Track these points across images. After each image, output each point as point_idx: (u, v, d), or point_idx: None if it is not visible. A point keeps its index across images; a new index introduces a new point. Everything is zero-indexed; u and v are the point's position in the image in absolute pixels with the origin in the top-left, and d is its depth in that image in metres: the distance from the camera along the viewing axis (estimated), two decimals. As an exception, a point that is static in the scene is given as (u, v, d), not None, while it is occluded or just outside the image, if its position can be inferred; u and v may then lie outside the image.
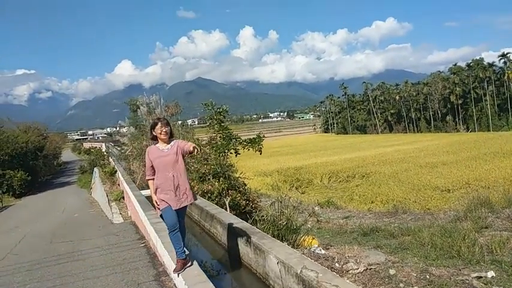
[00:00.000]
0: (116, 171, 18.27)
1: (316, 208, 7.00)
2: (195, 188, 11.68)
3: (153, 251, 6.62)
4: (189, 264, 4.68)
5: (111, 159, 25.05)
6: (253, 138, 8.85)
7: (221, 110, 8.89)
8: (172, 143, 4.44)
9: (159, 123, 4.38)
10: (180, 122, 19.88)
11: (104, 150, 33.85)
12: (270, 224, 6.58)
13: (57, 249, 8.12)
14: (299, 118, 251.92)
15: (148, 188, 14.89)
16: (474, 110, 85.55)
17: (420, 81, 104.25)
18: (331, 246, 7.19)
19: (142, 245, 7.37)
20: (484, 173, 25.71)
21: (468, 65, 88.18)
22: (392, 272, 5.35)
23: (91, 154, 50.65)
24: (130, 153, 16.82)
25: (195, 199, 4.77)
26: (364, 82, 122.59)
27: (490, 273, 4.67)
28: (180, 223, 4.56)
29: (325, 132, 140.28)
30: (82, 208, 16.11)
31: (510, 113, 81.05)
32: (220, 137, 8.51)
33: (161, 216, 4.63)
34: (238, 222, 6.64)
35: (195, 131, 20.46)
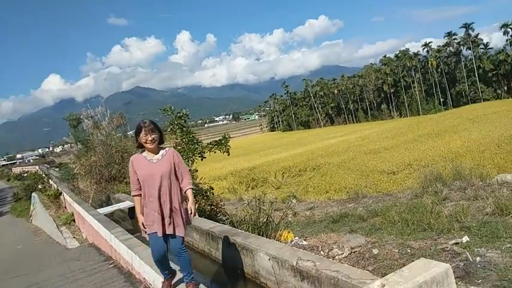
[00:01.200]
0: (61, 193, 16.96)
1: (294, 201, 7.05)
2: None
3: (126, 270, 6.20)
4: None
5: (51, 182, 23.23)
6: (220, 139, 8.70)
7: (181, 114, 8.62)
8: (163, 152, 3.69)
9: (143, 130, 3.53)
10: (120, 134, 18.89)
11: (40, 172, 31.36)
12: (249, 224, 6.50)
13: (12, 286, 7.33)
14: (245, 119, 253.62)
15: (107, 204, 13.98)
16: (405, 97, 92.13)
17: (355, 74, 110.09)
18: (307, 237, 7.28)
19: (111, 266, 6.88)
20: (422, 153, 27.63)
21: (396, 56, 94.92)
22: (375, 251, 5.54)
23: (25, 179, 46.64)
24: (78, 172, 15.71)
25: (189, 223, 3.96)
26: (304, 79, 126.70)
27: (465, 238, 5.01)
28: (175, 251, 3.81)
29: (272, 130, 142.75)
30: (25, 238, 14.66)
31: (436, 97, 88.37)
32: (184, 141, 8.24)
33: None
34: (217, 226, 6.47)
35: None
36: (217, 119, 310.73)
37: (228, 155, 8.64)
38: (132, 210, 10.60)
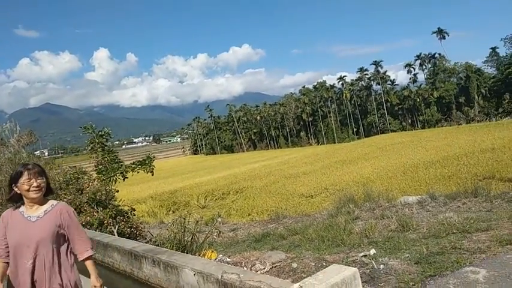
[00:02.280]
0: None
1: (219, 219, 7.17)
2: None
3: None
4: None
5: None
6: (143, 159, 8.58)
7: (103, 133, 8.36)
8: (48, 206, 2.72)
9: (25, 173, 2.60)
10: (38, 152, 17.46)
11: None
12: (173, 243, 6.51)
13: None
14: (166, 142, 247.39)
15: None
16: (322, 125, 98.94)
17: (277, 102, 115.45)
18: (230, 255, 7.50)
19: None
20: (337, 178, 29.84)
21: (314, 87, 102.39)
22: (294, 265, 5.97)
23: None
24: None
25: None
26: (228, 104, 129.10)
27: (372, 251, 5.67)
28: None
29: (195, 153, 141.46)
30: None
31: (350, 127, 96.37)
32: (106, 161, 7.98)
33: None
34: (140, 245, 6.35)
35: (55, 161, 18.26)
36: (136, 140, 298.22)
37: (152, 175, 8.59)
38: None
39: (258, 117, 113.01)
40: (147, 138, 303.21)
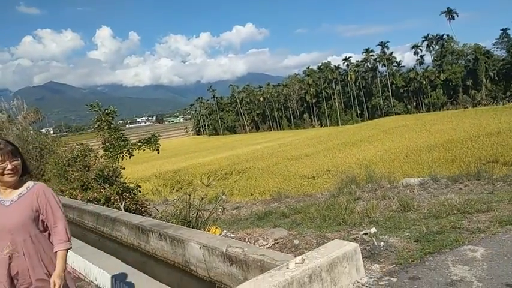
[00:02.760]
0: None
1: (224, 197, 7.31)
2: (79, 197, 10.79)
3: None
4: None
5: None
6: (149, 138, 8.70)
7: (109, 111, 8.45)
8: (24, 188, 2.41)
9: None
10: (44, 130, 17.66)
11: None
12: (179, 219, 6.67)
13: None
14: (169, 122, 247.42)
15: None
16: (325, 107, 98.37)
17: (280, 83, 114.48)
18: (233, 231, 7.68)
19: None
20: (340, 160, 29.99)
21: (319, 68, 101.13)
22: (296, 242, 6.13)
23: None
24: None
25: None
26: (231, 85, 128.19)
27: (373, 229, 5.80)
28: None
29: (198, 134, 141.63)
30: None
31: (353, 109, 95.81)
32: (113, 138, 8.10)
33: None
34: (147, 220, 6.53)
35: (61, 140, 18.41)
36: (139, 120, 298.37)
37: (158, 153, 8.73)
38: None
39: (261, 99, 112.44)
40: (150, 118, 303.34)
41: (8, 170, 2.30)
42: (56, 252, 2.40)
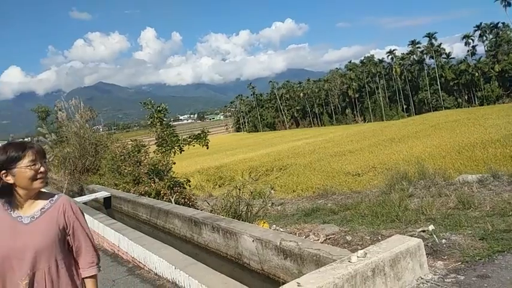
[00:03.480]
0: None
1: (272, 191, 7.33)
2: (131, 191, 11.29)
3: (112, 252, 6.34)
4: None
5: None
6: (198, 134, 8.94)
7: (161, 108, 8.78)
8: (47, 201, 1.94)
9: (30, 152, 1.85)
10: (97, 127, 18.72)
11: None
12: (229, 212, 6.80)
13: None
14: (210, 119, 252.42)
15: (80, 195, 13.87)
16: (369, 102, 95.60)
17: (321, 78, 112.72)
18: (281, 227, 7.68)
19: (94, 249, 6.96)
20: (386, 157, 28.99)
21: (362, 62, 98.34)
22: (349, 238, 6.02)
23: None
24: (51, 162, 15.36)
25: None
26: (271, 81, 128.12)
27: (431, 227, 5.56)
28: None
29: (237, 131, 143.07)
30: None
31: (399, 104, 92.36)
32: (165, 134, 8.42)
33: None
34: (199, 213, 6.71)
35: (111, 136, 19.34)
36: (182, 117, 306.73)
37: (207, 148, 8.92)
38: (107, 200, 10.60)
39: (301, 94, 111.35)
40: (191, 115, 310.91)
41: (41, 172, 1.85)
42: (84, 278, 2.00)
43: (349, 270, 3.03)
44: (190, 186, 10.11)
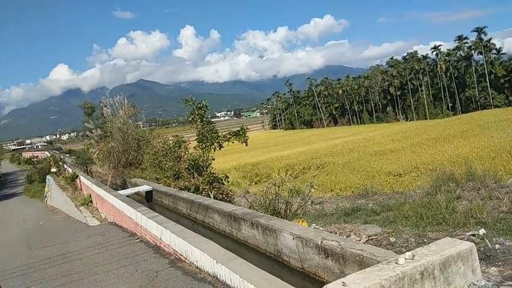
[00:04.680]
0: (77, 176, 17.42)
1: (312, 189, 7.27)
2: (172, 186, 11.59)
3: (154, 244, 6.54)
4: None
5: (66, 166, 23.77)
6: (237, 130, 9.03)
7: (202, 105, 8.95)
8: None
9: None
10: (139, 123, 19.37)
11: (57, 157, 32.00)
12: (268, 209, 6.79)
13: (42, 254, 7.72)
14: (246, 116, 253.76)
15: (123, 188, 14.41)
16: (412, 100, 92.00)
17: (361, 75, 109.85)
18: (321, 226, 7.57)
19: (137, 240, 7.22)
20: (430, 157, 27.84)
21: (404, 58, 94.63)
22: (392, 239, 5.83)
23: (35, 163, 47.37)
24: (96, 156, 16.15)
25: None
26: (308, 78, 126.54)
27: (482, 231, 5.27)
28: None
29: (274, 128, 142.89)
30: (44, 216, 15.25)
31: (444, 102, 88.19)
32: (206, 130, 8.59)
33: None
34: (238, 209, 6.76)
35: (153, 132, 19.93)
36: (218, 114, 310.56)
37: (246, 145, 8.96)
38: (149, 193, 10.96)
39: (340, 91, 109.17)
40: (228, 112, 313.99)
41: None
42: None
43: (397, 272, 2.92)
44: (228, 182, 10.20)
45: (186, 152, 12.83)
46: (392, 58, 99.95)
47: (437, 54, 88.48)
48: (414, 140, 40.18)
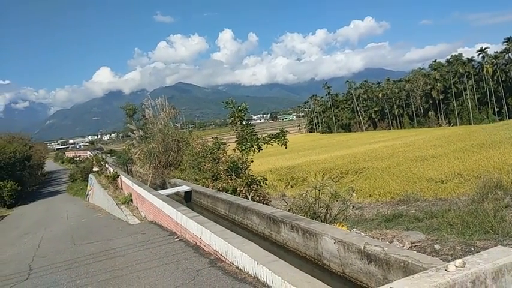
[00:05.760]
0: (118, 175, 18.17)
1: (354, 194, 7.13)
2: (210, 187, 11.79)
3: (193, 243, 6.68)
4: None
5: (107, 166, 24.84)
6: (277, 133, 9.06)
7: (242, 108, 9.07)
8: None
9: None
10: (177, 125, 19.90)
11: (99, 157, 33.62)
12: (308, 212, 6.75)
13: (86, 250, 8.09)
14: (282, 119, 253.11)
15: (162, 188, 14.86)
16: (455, 104, 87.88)
17: (402, 78, 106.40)
18: (361, 231, 7.41)
19: (177, 239, 7.42)
20: (474, 164, 26.45)
21: (448, 61, 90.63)
22: (437, 247, 5.61)
23: (78, 162, 49.88)
24: (137, 157, 16.79)
25: None
26: (347, 81, 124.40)
27: (536, 241, 4.97)
28: None
29: (310, 132, 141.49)
30: (86, 213, 15.96)
31: (490, 107, 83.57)
32: (246, 132, 8.70)
33: None
34: (277, 211, 6.78)
35: (192, 134, 20.37)
36: (254, 117, 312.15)
37: (286, 147, 8.95)
38: (188, 194, 11.22)
39: (380, 95, 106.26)
40: (264, 115, 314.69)
41: None
42: None
43: (447, 279, 2.82)
44: (266, 184, 10.23)
45: (224, 154, 13.02)
46: (435, 61, 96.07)
47: (483, 57, 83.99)
48: (457, 145, 38.34)
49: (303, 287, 3.59)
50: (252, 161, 9.68)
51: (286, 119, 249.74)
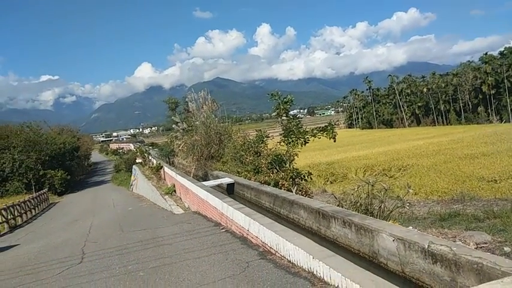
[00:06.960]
0: (161, 167, 18.58)
1: (411, 190, 6.73)
2: (252, 179, 11.70)
3: (240, 235, 6.58)
4: None
5: (150, 157, 25.56)
6: (325, 126, 8.75)
7: (287, 100, 8.84)
8: None
9: None
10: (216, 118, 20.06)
11: (143, 149, 34.76)
12: (360, 208, 6.43)
13: (134, 237, 8.23)
14: (320, 114, 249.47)
15: (204, 180, 15.00)
16: (508, 100, 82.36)
17: (449, 72, 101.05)
18: (419, 229, 6.98)
19: (223, 230, 7.35)
20: (531, 163, 24.64)
21: (501, 53, 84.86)
22: (507, 249, 5.13)
23: (121, 154, 51.92)
24: (180, 149, 17.08)
25: None
26: (390, 75, 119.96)
27: None
28: None
29: (349, 127, 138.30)
30: (131, 202, 16.43)
31: (547, 102, 77.63)
32: (293, 125, 8.48)
33: None
34: (327, 206, 6.51)
35: (236, 126, 20.36)
36: (291, 112, 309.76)
37: (335, 141, 8.64)
38: (230, 186, 11.19)
39: (425, 90, 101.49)
40: (301, 110, 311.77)
41: None
42: None
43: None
44: (311, 179, 9.95)
45: (266, 147, 12.88)
46: (486, 54, 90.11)
47: (541, 49, 77.93)
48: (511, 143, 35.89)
49: (366, 284, 3.33)
50: (297, 155, 9.43)
51: (324, 114, 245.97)
